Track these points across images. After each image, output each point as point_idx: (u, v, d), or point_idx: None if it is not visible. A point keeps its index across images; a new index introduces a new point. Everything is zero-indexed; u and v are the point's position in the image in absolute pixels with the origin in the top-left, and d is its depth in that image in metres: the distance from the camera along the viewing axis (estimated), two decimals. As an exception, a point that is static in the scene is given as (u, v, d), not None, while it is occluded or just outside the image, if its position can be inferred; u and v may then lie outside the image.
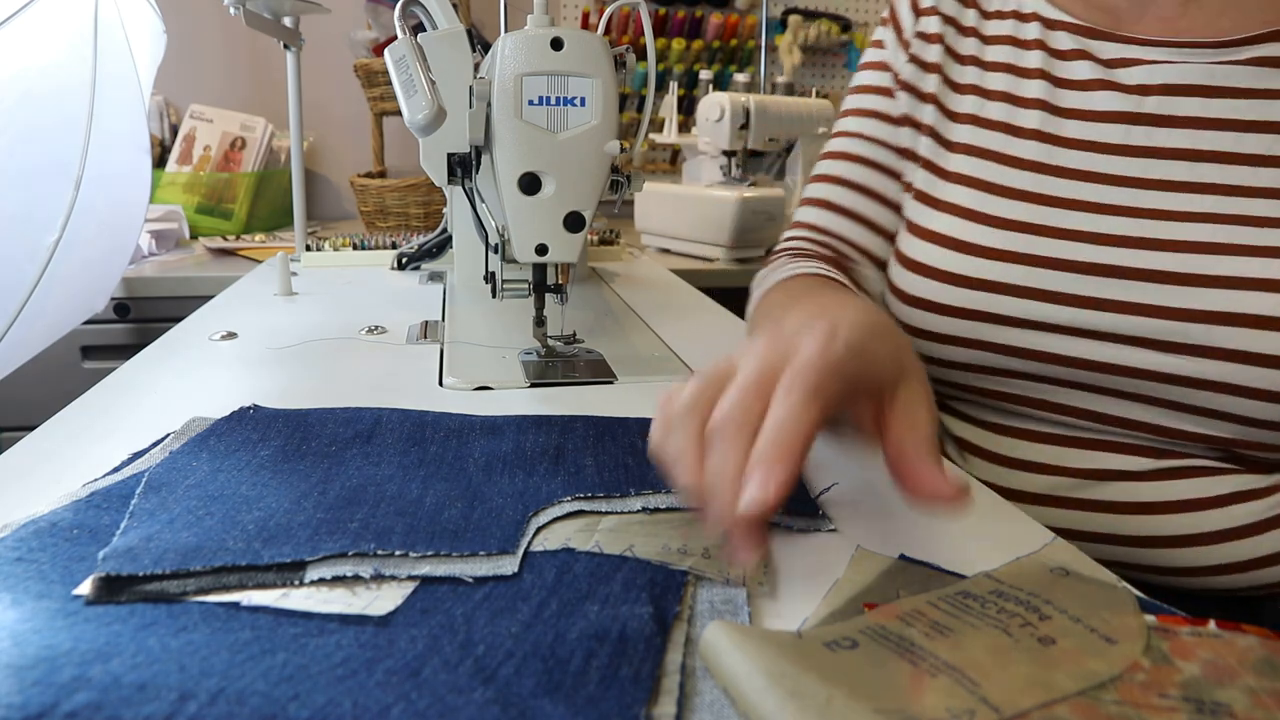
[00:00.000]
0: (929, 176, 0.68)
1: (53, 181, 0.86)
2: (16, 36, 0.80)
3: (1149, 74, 0.61)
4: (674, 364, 0.73)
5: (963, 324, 0.63)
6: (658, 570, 0.38)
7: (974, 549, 0.42)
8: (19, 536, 0.38)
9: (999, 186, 0.63)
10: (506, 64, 0.62)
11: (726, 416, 0.34)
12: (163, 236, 1.52)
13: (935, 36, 0.70)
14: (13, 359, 0.90)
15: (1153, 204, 0.58)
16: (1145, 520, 0.59)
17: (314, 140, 2.01)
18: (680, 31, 2.02)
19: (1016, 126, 0.65)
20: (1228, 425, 0.56)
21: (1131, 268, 0.57)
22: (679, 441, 0.36)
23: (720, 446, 0.34)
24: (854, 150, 0.74)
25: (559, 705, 0.28)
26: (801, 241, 0.76)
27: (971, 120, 0.67)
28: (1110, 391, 0.60)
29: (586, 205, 0.64)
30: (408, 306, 0.94)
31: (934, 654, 0.31)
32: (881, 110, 0.73)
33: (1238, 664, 0.31)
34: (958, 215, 0.64)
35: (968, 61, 0.69)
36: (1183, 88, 0.60)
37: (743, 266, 1.51)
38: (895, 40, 0.73)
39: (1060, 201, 0.61)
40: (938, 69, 0.70)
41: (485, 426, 0.54)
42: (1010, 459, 0.65)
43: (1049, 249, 0.60)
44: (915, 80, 0.71)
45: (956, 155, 0.67)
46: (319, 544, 0.37)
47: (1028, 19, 0.67)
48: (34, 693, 0.27)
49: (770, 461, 0.32)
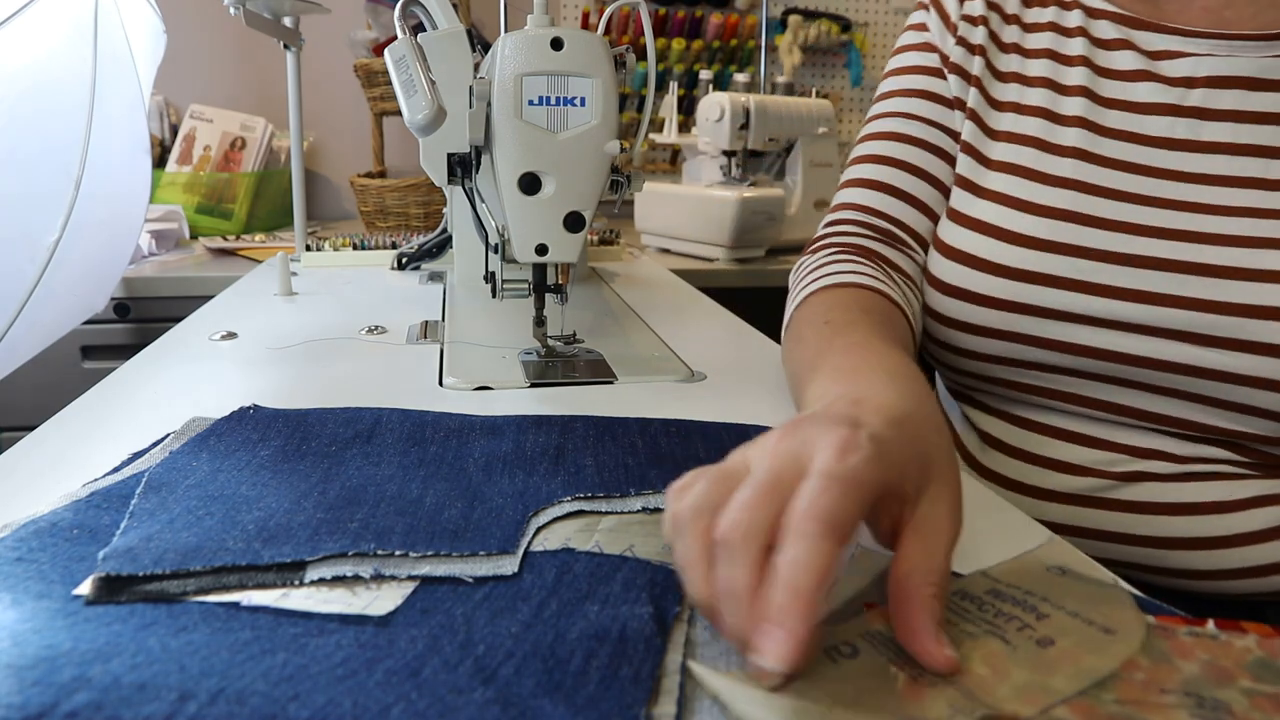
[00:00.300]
0: (971, 163, 0.67)
1: (53, 181, 0.86)
2: (16, 36, 0.80)
3: (1194, 66, 0.60)
4: (674, 364, 0.73)
5: (999, 315, 0.62)
6: (658, 570, 0.38)
7: (972, 546, 0.42)
8: (19, 536, 0.38)
9: (1041, 174, 0.62)
10: (506, 64, 0.62)
11: (733, 524, 0.31)
12: (163, 236, 1.52)
13: (980, 19, 0.70)
14: (13, 359, 0.90)
15: (1194, 197, 0.58)
16: (1167, 521, 0.59)
17: (314, 140, 2.01)
18: (680, 31, 2.03)
19: (1059, 114, 0.64)
20: (1258, 421, 0.56)
21: (1169, 259, 0.57)
22: (686, 549, 0.32)
23: (727, 558, 0.31)
24: (904, 130, 0.72)
25: (559, 705, 0.28)
26: (848, 225, 0.72)
27: (1014, 108, 0.66)
28: (1141, 385, 0.60)
29: (586, 205, 0.64)
30: (408, 306, 0.94)
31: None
32: (932, 90, 0.72)
33: (1235, 666, 0.31)
34: (1001, 203, 0.64)
35: (1009, 49, 0.69)
36: (1228, 80, 0.59)
37: (743, 266, 1.51)
38: (940, 24, 0.72)
39: (1102, 191, 0.60)
40: (982, 52, 0.69)
41: (485, 426, 0.54)
42: (1035, 455, 0.65)
43: (1090, 239, 0.59)
44: (964, 63, 0.70)
45: (999, 143, 0.66)
46: (319, 544, 0.37)
47: (1070, 6, 0.67)
48: (34, 693, 0.27)
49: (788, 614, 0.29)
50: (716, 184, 1.55)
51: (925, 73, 0.73)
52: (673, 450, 0.51)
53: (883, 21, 2.18)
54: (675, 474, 0.46)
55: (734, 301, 1.04)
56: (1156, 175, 0.59)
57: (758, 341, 0.85)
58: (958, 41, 0.71)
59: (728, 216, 1.46)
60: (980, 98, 0.68)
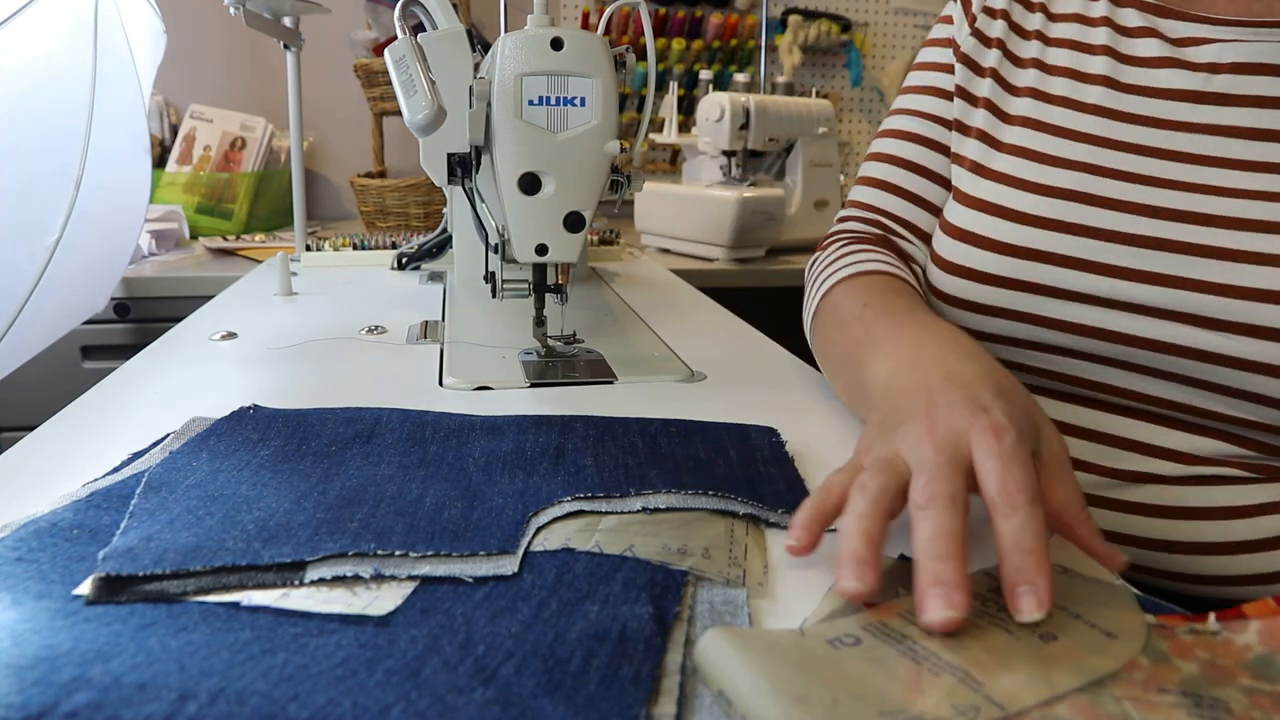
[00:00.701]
0: (983, 148, 0.68)
1: (53, 182, 0.86)
2: (16, 36, 0.80)
3: (1219, 52, 0.60)
4: (674, 364, 0.73)
5: (1003, 293, 0.63)
6: (658, 570, 0.37)
7: (971, 547, 0.42)
8: (19, 536, 0.38)
9: (1053, 157, 0.63)
10: (506, 64, 0.62)
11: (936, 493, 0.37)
12: (163, 236, 1.52)
13: (1001, 12, 0.71)
14: (13, 359, 0.90)
15: (1209, 180, 0.57)
16: (1173, 525, 0.60)
17: (314, 140, 2.01)
18: (680, 31, 2.03)
19: (1078, 101, 0.64)
20: (1264, 409, 0.56)
21: (1178, 241, 0.57)
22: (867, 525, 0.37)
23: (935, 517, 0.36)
24: (908, 128, 0.74)
25: (559, 705, 0.28)
26: (855, 223, 0.76)
27: (1031, 94, 0.67)
28: (1144, 369, 0.60)
29: (586, 205, 0.64)
30: (408, 306, 0.94)
31: (935, 653, 0.31)
32: (938, 85, 0.73)
33: (1234, 664, 0.31)
34: (1008, 184, 0.64)
35: (1031, 36, 0.69)
36: (1253, 66, 0.59)
37: (743, 266, 1.51)
38: (962, 14, 0.73)
39: (1115, 174, 0.60)
40: (1000, 44, 0.70)
41: (485, 426, 0.54)
42: None
43: (1099, 219, 0.59)
44: (974, 53, 0.71)
45: (1013, 127, 0.67)
46: (319, 544, 0.37)
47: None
48: (34, 693, 0.27)
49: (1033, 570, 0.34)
50: (716, 184, 1.55)
51: (937, 69, 0.74)
52: (673, 450, 0.51)
53: (883, 21, 2.18)
54: (675, 474, 0.46)
55: (734, 301, 1.04)
56: (1172, 159, 0.59)
57: (758, 341, 0.85)
58: (972, 33, 0.71)
59: (728, 216, 1.46)
60: (995, 85, 0.69)
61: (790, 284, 1.52)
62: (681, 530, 0.41)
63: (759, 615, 0.36)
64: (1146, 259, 0.57)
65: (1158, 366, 0.59)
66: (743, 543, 0.41)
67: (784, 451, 0.52)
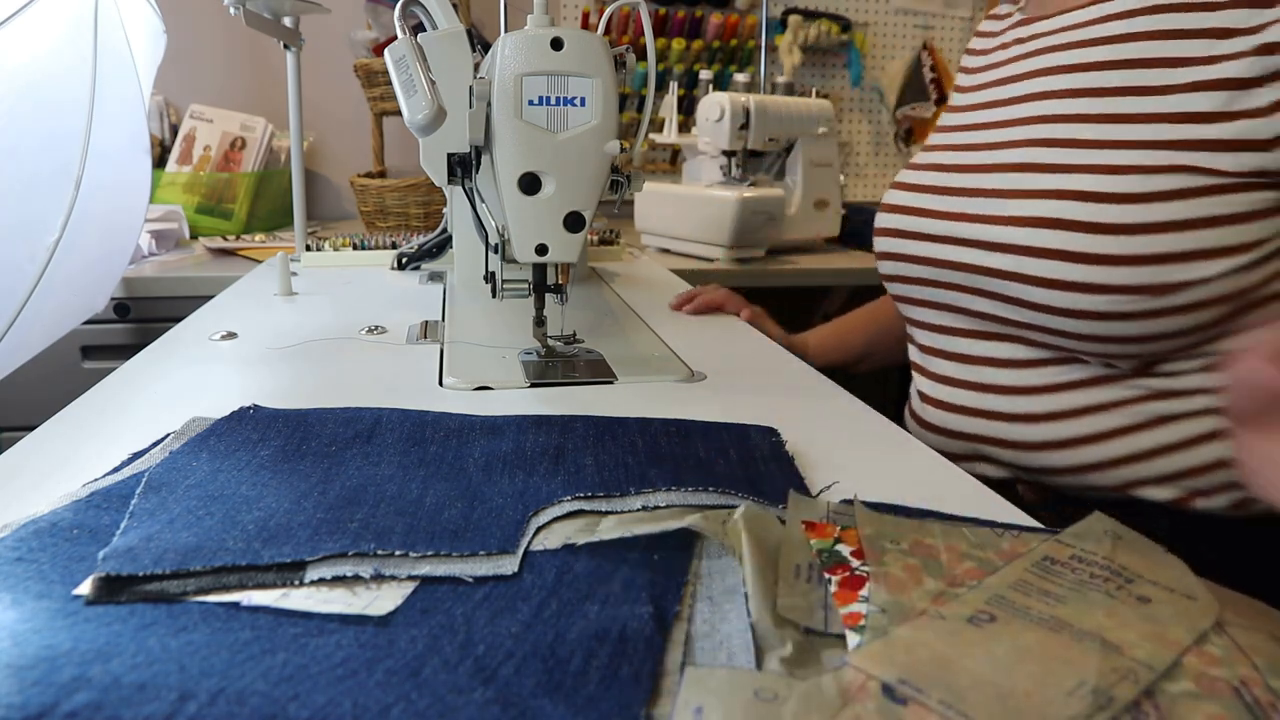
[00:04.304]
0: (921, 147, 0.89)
1: (53, 182, 0.86)
2: (16, 36, 0.80)
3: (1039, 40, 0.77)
4: (674, 364, 0.73)
5: (892, 241, 0.82)
6: (658, 570, 0.38)
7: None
8: (19, 536, 0.38)
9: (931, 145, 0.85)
10: (506, 64, 0.62)
11: None
12: (163, 236, 1.52)
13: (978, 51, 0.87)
14: (13, 359, 0.90)
15: (1000, 138, 0.75)
16: (1029, 428, 0.73)
17: (314, 140, 2.00)
18: (680, 31, 2.02)
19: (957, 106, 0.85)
20: (1040, 315, 0.68)
21: (975, 188, 0.74)
22: None
23: None
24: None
25: (559, 705, 0.28)
26: None
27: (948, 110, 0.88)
28: (970, 289, 0.74)
29: (586, 205, 0.64)
30: (408, 306, 0.94)
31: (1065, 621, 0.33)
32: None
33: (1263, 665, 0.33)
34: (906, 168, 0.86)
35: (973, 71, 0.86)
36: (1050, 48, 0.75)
37: (743, 267, 1.51)
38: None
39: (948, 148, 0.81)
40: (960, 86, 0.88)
41: (485, 426, 0.54)
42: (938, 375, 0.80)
43: (932, 179, 0.80)
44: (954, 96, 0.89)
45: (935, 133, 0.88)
46: (319, 544, 0.37)
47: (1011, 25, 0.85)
48: (34, 693, 0.27)
49: None
50: (716, 184, 1.55)
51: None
52: (673, 450, 0.51)
53: (883, 22, 2.18)
54: (675, 474, 0.46)
55: (734, 301, 1.04)
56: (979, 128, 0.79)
57: (758, 341, 0.85)
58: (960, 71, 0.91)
59: (728, 216, 1.46)
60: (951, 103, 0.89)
61: (790, 284, 1.52)
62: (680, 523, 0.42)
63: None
64: (953, 203, 0.76)
65: (977, 286, 0.73)
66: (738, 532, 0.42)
67: (784, 451, 0.52)
